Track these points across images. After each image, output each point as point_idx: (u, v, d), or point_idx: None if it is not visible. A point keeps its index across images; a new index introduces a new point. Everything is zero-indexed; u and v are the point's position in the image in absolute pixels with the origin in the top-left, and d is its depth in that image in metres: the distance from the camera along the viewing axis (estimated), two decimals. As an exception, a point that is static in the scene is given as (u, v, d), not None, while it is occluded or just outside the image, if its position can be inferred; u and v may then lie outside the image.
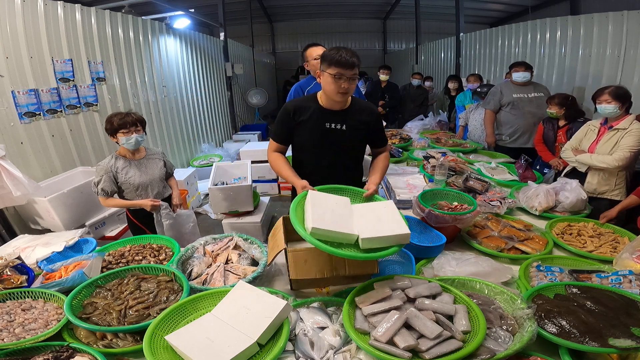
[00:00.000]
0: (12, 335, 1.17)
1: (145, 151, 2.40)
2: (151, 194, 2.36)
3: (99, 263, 1.56)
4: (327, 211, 1.25)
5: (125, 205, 2.34)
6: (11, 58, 2.78)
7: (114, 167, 2.24)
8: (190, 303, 1.25)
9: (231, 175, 3.91)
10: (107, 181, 2.22)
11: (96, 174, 2.24)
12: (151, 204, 2.28)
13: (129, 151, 2.31)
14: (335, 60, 1.58)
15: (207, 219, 4.23)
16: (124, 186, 2.29)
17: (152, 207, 2.28)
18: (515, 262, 1.61)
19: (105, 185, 2.22)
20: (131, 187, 2.29)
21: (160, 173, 2.41)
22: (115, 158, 2.28)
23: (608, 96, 2.26)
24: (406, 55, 10.92)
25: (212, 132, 6.74)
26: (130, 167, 2.28)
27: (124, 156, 2.30)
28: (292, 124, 1.80)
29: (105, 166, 2.23)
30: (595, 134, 2.39)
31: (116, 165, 2.25)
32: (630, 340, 1.00)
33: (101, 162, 2.27)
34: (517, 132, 3.47)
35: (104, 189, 2.22)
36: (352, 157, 1.92)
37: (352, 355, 1.06)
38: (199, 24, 7.80)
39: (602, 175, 2.33)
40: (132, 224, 2.43)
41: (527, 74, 3.39)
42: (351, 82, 1.62)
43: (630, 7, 3.69)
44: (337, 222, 1.21)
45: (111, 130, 2.22)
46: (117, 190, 2.30)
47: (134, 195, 2.33)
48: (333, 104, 1.75)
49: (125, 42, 4.16)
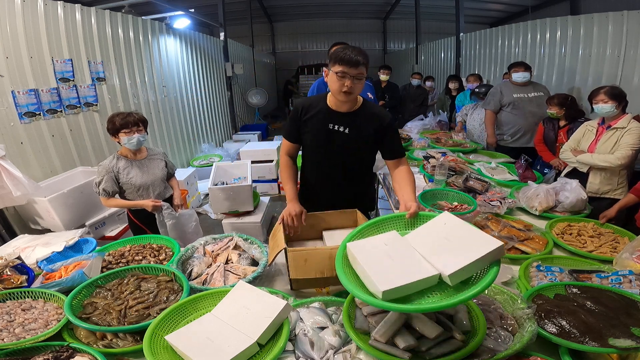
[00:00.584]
0: (12, 335, 1.17)
1: (146, 151, 2.40)
2: (152, 194, 2.36)
3: (99, 263, 1.56)
4: (384, 261, 0.97)
5: (126, 206, 2.34)
6: (11, 58, 2.78)
7: (115, 167, 2.24)
8: (190, 303, 1.25)
9: (231, 175, 3.91)
10: (109, 181, 2.22)
11: (97, 174, 2.24)
12: (152, 205, 2.27)
13: (131, 151, 2.30)
14: (339, 57, 1.51)
15: (207, 219, 4.23)
16: (126, 186, 2.28)
17: (153, 208, 2.28)
18: (515, 262, 1.61)
19: (106, 185, 2.21)
20: (133, 188, 2.29)
21: (161, 173, 2.41)
22: (117, 158, 2.27)
23: (604, 96, 2.27)
24: (406, 55, 10.92)
25: (212, 132, 6.75)
26: (132, 167, 2.28)
27: (125, 156, 2.30)
28: (300, 122, 1.76)
29: (107, 166, 2.23)
30: (593, 134, 2.40)
31: (118, 165, 2.25)
32: (630, 340, 1.00)
33: (103, 162, 2.27)
34: (519, 132, 3.48)
35: (105, 189, 2.22)
36: (356, 162, 1.83)
37: (352, 356, 1.06)
38: (199, 24, 7.80)
39: (604, 175, 2.34)
40: (133, 224, 2.43)
41: (526, 74, 3.39)
42: (356, 82, 1.54)
43: (630, 7, 3.69)
44: (407, 270, 0.93)
45: (113, 129, 2.21)
46: (119, 191, 2.30)
47: (135, 196, 2.32)
48: (339, 105, 1.67)
49: (125, 42, 4.16)
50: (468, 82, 4.88)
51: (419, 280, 0.91)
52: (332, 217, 1.70)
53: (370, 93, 2.75)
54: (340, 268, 1.03)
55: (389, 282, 0.89)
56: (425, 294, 0.93)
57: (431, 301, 0.90)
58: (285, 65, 13.78)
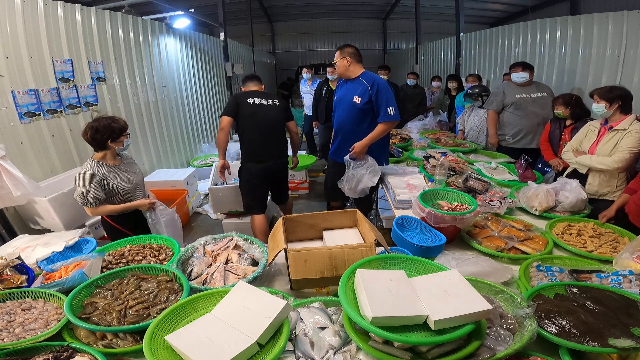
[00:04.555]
0: (12, 335, 1.17)
1: (121, 155, 2.29)
2: (139, 196, 2.30)
3: (99, 263, 1.56)
4: (383, 292, 1.07)
5: (119, 210, 2.19)
6: (11, 58, 2.78)
7: (99, 174, 2.10)
8: (190, 303, 1.25)
9: (231, 175, 3.91)
10: (98, 189, 2.07)
11: (81, 184, 2.04)
12: (149, 203, 2.23)
13: (112, 157, 2.19)
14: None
15: (207, 219, 4.23)
16: (113, 192, 2.16)
17: (149, 206, 2.25)
18: (515, 262, 1.61)
19: (96, 193, 2.06)
20: (120, 193, 2.18)
21: (141, 175, 2.36)
22: (98, 165, 2.13)
23: (596, 96, 2.27)
24: (406, 55, 10.92)
25: (212, 132, 6.75)
26: (115, 172, 2.17)
27: (105, 162, 2.17)
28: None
29: (91, 174, 2.06)
30: (595, 135, 2.38)
31: (101, 171, 2.11)
32: (630, 340, 1.00)
33: (83, 171, 2.08)
34: (520, 133, 3.47)
35: (96, 197, 2.06)
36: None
37: (352, 356, 1.06)
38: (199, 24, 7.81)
39: (602, 177, 2.32)
40: (112, 229, 2.29)
41: (525, 74, 3.38)
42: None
43: (630, 7, 3.69)
44: (400, 305, 1.03)
45: (118, 131, 2.11)
46: (106, 198, 2.16)
47: (122, 200, 2.21)
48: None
49: (125, 42, 4.16)
50: (467, 82, 4.88)
51: (408, 316, 1.02)
52: (332, 217, 1.70)
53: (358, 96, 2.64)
54: (343, 287, 1.13)
55: (380, 310, 0.99)
56: (409, 329, 1.03)
57: (414, 339, 1.00)
58: (285, 65, 13.79)
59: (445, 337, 0.98)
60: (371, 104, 2.62)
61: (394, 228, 1.73)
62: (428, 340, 0.98)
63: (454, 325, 1.00)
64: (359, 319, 1.01)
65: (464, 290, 1.09)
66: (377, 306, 1.00)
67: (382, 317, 0.99)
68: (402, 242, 1.68)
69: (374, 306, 1.00)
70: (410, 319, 1.02)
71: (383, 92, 2.59)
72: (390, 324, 1.01)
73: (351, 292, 1.15)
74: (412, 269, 1.29)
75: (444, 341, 0.98)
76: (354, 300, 1.11)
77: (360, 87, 2.65)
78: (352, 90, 2.69)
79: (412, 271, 1.28)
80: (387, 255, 1.32)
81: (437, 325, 0.99)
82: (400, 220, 1.83)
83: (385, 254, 1.36)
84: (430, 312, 1.01)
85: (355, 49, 2.73)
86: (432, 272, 1.24)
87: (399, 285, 1.12)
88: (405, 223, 1.87)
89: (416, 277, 1.20)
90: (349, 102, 2.70)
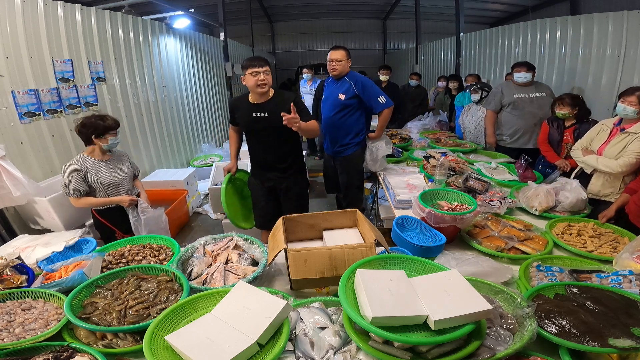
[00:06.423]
0: (12, 335, 1.17)
1: (112, 152, 2.42)
2: (122, 192, 2.36)
3: (99, 263, 1.56)
4: (383, 292, 1.07)
5: (100, 204, 2.32)
6: (11, 58, 2.78)
7: (83, 167, 2.23)
8: (190, 303, 1.25)
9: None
10: (79, 181, 2.21)
11: (65, 175, 2.22)
12: (129, 200, 2.30)
13: (101, 152, 2.32)
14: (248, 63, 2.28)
15: (207, 219, 4.23)
16: (95, 185, 2.28)
17: (129, 203, 2.30)
18: (515, 262, 1.61)
19: (77, 184, 2.20)
20: (102, 186, 2.29)
21: (129, 173, 2.44)
22: (84, 159, 2.27)
23: (635, 99, 2.14)
24: (406, 55, 10.92)
25: (212, 132, 6.75)
26: (99, 166, 2.29)
27: (92, 157, 2.30)
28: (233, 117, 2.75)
29: (75, 166, 2.22)
30: (606, 135, 2.33)
31: (85, 165, 2.25)
32: (630, 340, 1.00)
33: (69, 163, 2.25)
34: (517, 133, 3.47)
35: (76, 189, 2.20)
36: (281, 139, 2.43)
37: (352, 356, 1.06)
38: (199, 24, 7.81)
39: (606, 178, 2.29)
40: (101, 225, 2.41)
41: (528, 75, 3.37)
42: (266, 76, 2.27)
43: (630, 7, 3.69)
44: (400, 305, 1.04)
45: (103, 129, 2.23)
46: (89, 190, 2.29)
47: (105, 194, 2.32)
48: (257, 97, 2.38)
49: (125, 42, 4.16)
50: (467, 82, 4.88)
51: (408, 315, 1.02)
52: (332, 217, 1.70)
53: (343, 93, 2.93)
54: (342, 286, 1.13)
55: (380, 310, 0.99)
56: (409, 329, 1.03)
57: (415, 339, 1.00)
58: (285, 65, 13.78)
59: (445, 337, 0.97)
60: (357, 98, 2.92)
61: (394, 228, 1.73)
62: (428, 340, 0.97)
63: (454, 325, 1.00)
64: (359, 319, 1.01)
65: (464, 290, 1.09)
66: (377, 306, 1.01)
67: (382, 317, 0.99)
68: (402, 242, 1.68)
69: (374, 306, 1.00)
70: (410, 319, 1.03)
71: (368, 87, 2.90)
72: (390, 324, 1.01)
73: (351, 292, 1.14)
74: (412, 269, 1.28)
75: (444, 341, 0.98)
76: (354, 300, 1.11)
77: (345, 85, 2.93)
78: (338, 89, 2.97)
79: (412, 271, 1.28)
80: (387, 255, 1.32)
81: (437, 325, 0.99)
82: (400, 220, 1.83)
83: (385, 254, 1.36)
84: (430, 312, 1.01)
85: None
86: (432, 272, 1.24)
87: (399, 285, 1.12)
88: (405, 223, 1.87)
89: (416, 277, 1.20)
90: (335, 99, 2.98)
